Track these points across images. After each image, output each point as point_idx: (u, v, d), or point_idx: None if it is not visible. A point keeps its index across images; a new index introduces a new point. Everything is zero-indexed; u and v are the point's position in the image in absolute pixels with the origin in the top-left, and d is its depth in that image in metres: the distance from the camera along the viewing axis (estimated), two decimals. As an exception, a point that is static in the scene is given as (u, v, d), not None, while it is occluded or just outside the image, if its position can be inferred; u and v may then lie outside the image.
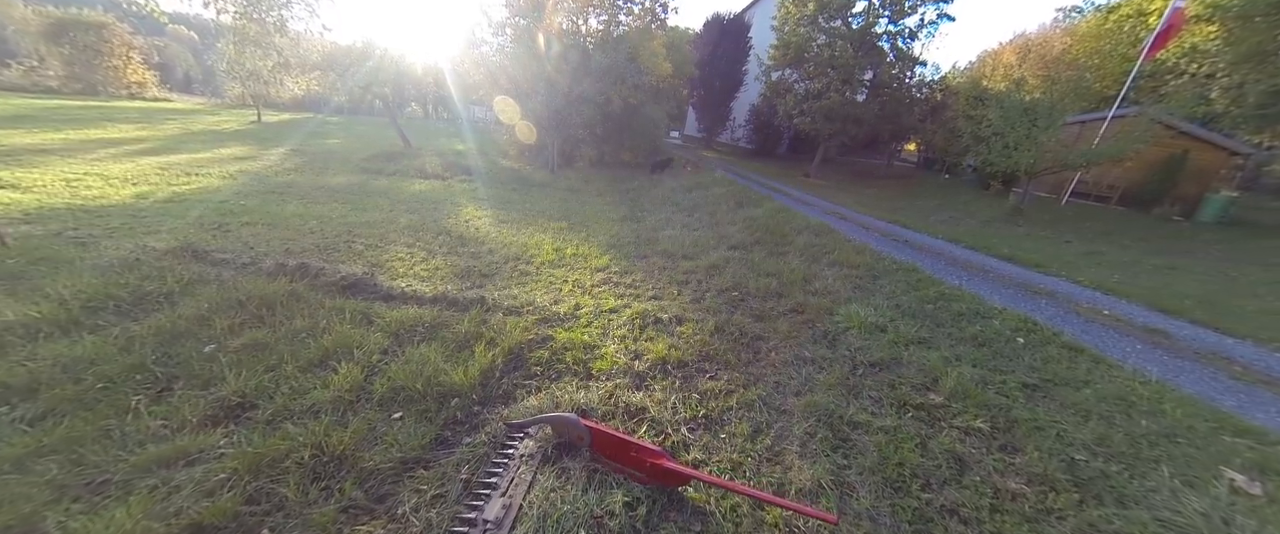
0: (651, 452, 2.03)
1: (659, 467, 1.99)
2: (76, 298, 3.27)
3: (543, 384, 2.96)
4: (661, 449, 2.09)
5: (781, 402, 2.85)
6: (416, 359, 3.02)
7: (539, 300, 4.26)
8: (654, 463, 2.00)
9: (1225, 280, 6.97)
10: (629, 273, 5.47)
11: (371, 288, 4.28)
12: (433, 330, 3.55)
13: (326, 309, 3.67)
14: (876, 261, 5.62)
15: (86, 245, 4.62)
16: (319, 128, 23.44)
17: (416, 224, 7.12)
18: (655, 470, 2.01)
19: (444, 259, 5.49)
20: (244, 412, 2.46)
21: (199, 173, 10.36)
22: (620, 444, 2.11)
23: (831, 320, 4.00)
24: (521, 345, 3.36)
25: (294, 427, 2.32)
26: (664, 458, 2.02)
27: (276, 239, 5.70)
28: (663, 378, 3.08)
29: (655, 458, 2.01)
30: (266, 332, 3.21)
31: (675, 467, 1.99)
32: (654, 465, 2.00)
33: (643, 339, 3.63)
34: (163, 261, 4.29)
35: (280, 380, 2.72)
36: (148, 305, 3.43)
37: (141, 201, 7.34)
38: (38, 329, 2.90)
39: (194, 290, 3.68)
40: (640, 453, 2.04)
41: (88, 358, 2.67)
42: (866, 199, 14.42)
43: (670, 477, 2.02)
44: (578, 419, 2.23)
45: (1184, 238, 10.77)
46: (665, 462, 2.00)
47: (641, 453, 2.04)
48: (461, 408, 2.64)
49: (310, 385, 2.70)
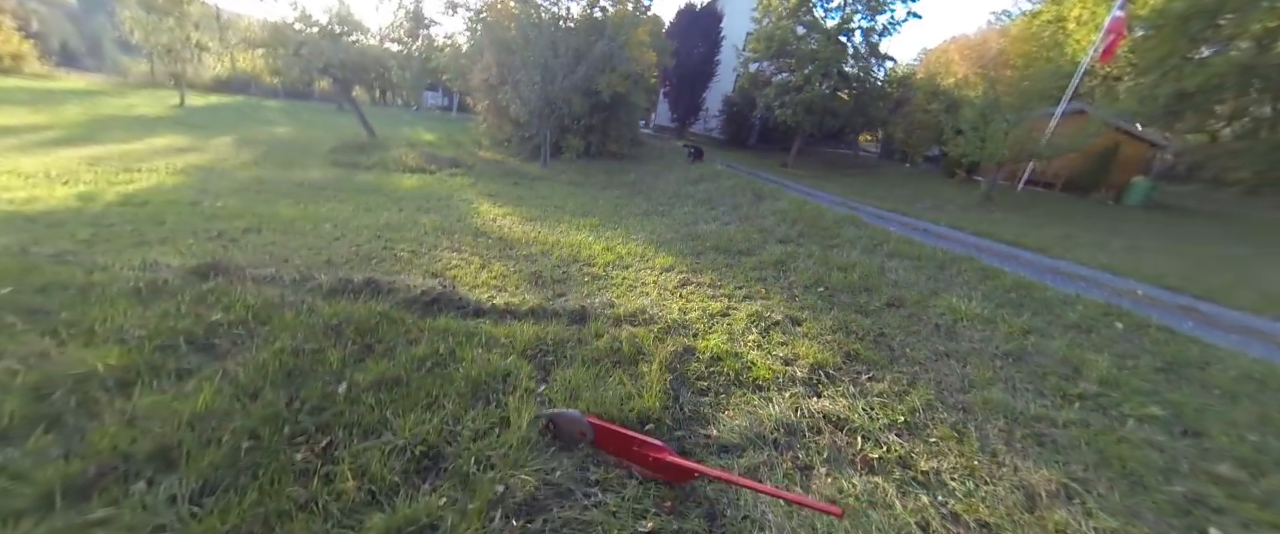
0: (655, 446, 2.03)
1: (662, 461, 1.99)
2: (148, 337, 2.67)
3: (720, 399, 2.82)
4: (663, 444, 2.08)
5: (954, 399, 2.91)
6: (578, 383, 2.77)
7: (643, 307, 4.05)
8: (657, 458, 2.00)
9: (1185, 258, 8.01)
10: (700, 271, 5.36)
11: (458, 302, 3.86)
12: (560, 347, 3.28)
13: (430, 331, 3.27)
14: (929, 252, 5.90)
15: (77, 265, 3.79)
16: (256, 113, 20.85)
17: (443, 225, 6.54)
18: (659, 465, 2.01)
19: (503, 265, 5.09)
20: (435, 463, 2.13)
21: (140, 168, 8.91)
22: (623, 439, 2.11)
23: (934, 313, 4.15)
24: (671, 359, 3.18)
25: (511, 477, 2.04)
26: (667, 452, 2.01)
27: (303, 248, 5.01)
28: (829, 383, 3.05)
29: (659, 453, 2.01)
30: (387, 363, 2.80)
31: (679, 461, 1.98)
32: (658, 460, 2.00)
33: (774, 343, 3.57)
34: (196, 283, 3.62)
35: (447, 420, 2.38)
36: (226, 339, 2.87)
37: (91, 205, 6.21)
38: (123, 379, 2.33)
39: (268, 317, 3.14)
40: (644, 448, 2.04)
41: (208, 411, 2.19)
42: (851, 187, 15.10)
43: (674, 471, 2.01)
44: (580, 415, 2.22)
45: (1123, 219, 12.27)
46: (668, 456, 1.99)
47: (645, 448, 2.04)
48: (662, 434, 2.45)
49: (487, 424, 2.38)
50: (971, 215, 11.15)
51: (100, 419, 2.07)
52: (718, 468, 2.10)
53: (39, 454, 1.86)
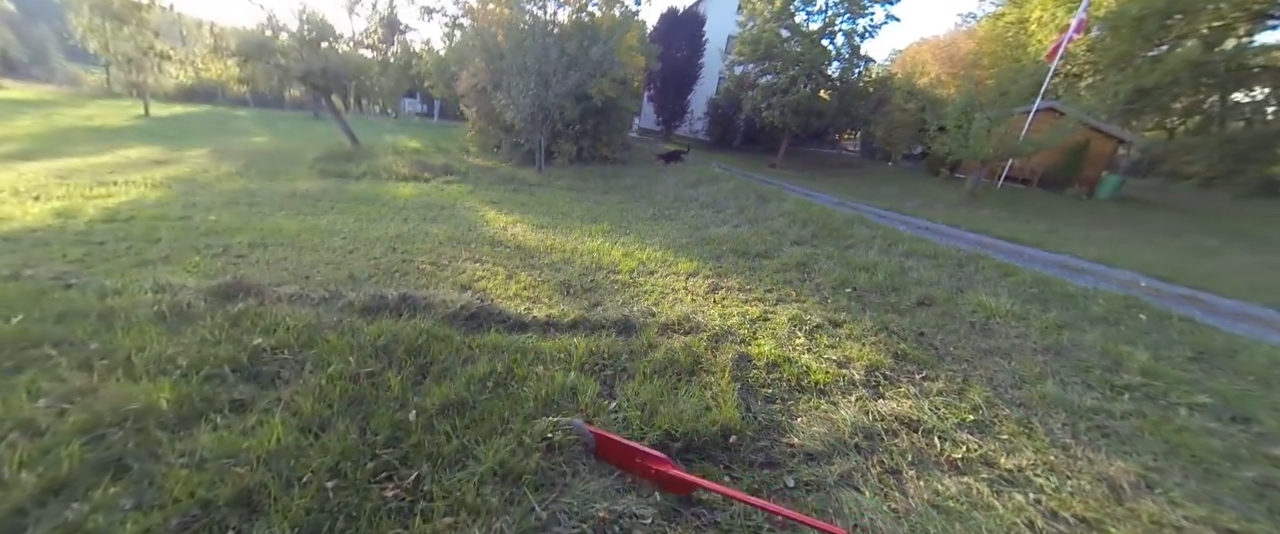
0: (656, 458, 2.03)
1: (665, 474, 2.00)
2: (192, 366, 2.50)
3: (788, 405, 2.82)
4: (665, 456, 2.09)
5: (1010, 395, 2.99)
6: (648, 397, 2.72)
7: (685, 315, 4.02)
8: (660, 470, 2.01)
9: (1164, 249, 8.48)
10: (726, 276, 5.37)
11: (499, 316, 3.76)
12: (614, 359, 3.22)
13: (481, 348, 3.17)
14: (944, 250, 6.07)
15: (85, 289, 3.53)
16: (227, 123, 19.98)
17: (456, 235, 6.38)
18: (661, 477, 2.02)
19: (529, 275, 4.99)
20: (518, 488, 2.05)
21: (114, 181, 8.43)
22: (625, 450, 2.11)
23: (965, 311, 4.26)
24: (730, 367, 3.16)
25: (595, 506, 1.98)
26: (668, 465, 2.02)
27: (319, 263, 4.79)
28: (888, 384, 3.09)
29: (660, 465, 2.01)
30: (448, 385, 2.69)
31: (680, 474, 1.99)
32: (660, 473, 2.01)
33: (822, 345, 3.60)
34: (220, 304, 3.42)
35: (520, 442, 2.29)
36: (272, 365, 2.71)
37: (71, 222, 5.83)
38: (179, 415, 2.17)
39: (311, 340, 2.98)
40: (645, 460, 2.05)
41: (280, 448, 2.05)
42: (841, 186, 15.42)
43: (675, 484, 2.01)
44: (582, 425, 2.21)
45: (1098, 213, 12.91)
46: (670, 468, 2.00)
47: (647, 460, 2.04)
48: (746, 446, 2.43)
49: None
50: (961, 212, 11.52)
51: (166, 462, 1.92)
52: (720, 483, 2.04)
53: (110, 507, 1.70)
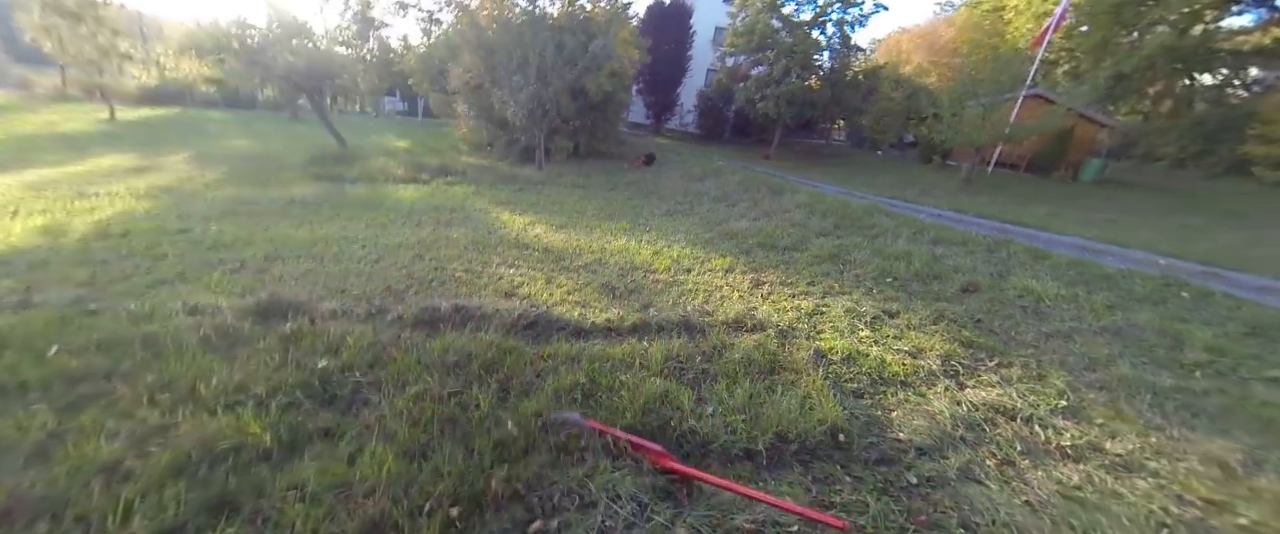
0: (655, 452, 2.04)
1: (664, 466, 2.00)
2: (266, 394, 2.32)
3: (877, 399, 2.79)
4: (663, 449, 2.09)
5: (1088, 378, 3.03)
6: (742, 400, 2.66)
7: (744, 312, 3.97)
8: (658, 463, 2.01)
9: (1159, 229, 8.79)
10: (764, 270, 5.34)
11: (558, 324, 3.63)
12: (689, 361, 3.15)
13: (554, 358, 3.06)
14: (969, 237, 6.15)
15: (111, 314, 3.27)
16: (201, 126, 18.99)
17: (478, 239, 6.18)
18: (660, 470, 2.01)
19: (567, 278, 4.86)
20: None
21: (96, 193, 7.92)
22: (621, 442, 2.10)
23: (1011, 295, 4.31)
24: (810, 363, 3.12)
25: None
26: (668, 458, 2.03)
27: (348, 275, 4.57)
28: (967, 373, 3.09)
29: (660, 458, 2.02)
30: (535, 399, 2.57)
31: (679, 467, 2.00)
32: (659, 464, 2.01)
33: (888, 337, 3.59)
34: (264, 324, 3.21)
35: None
36: (345, 388, 2.55)
37: (62, 240, 5.45)
38: (270, 447, 2.00)
39: (376, 359, 2.82)
40: (645, 452, 2.05)
41: (389, 476, 1.90)
42: (838, 176, 15.57)
43: (675, 476, 2.00)
44: (581, 419, 2.21)
45: (1086, 195, 13.33)
46: (669, 461, 2.01)
47: (646, 453, 2.04)
48: (855, 444, 2.39)
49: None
50: (961, 198, 11.75)
51: (276, 498, 1.77)
52: (716, 476, 2.01)
53: (236, 552, 1.56)
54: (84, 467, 1.80)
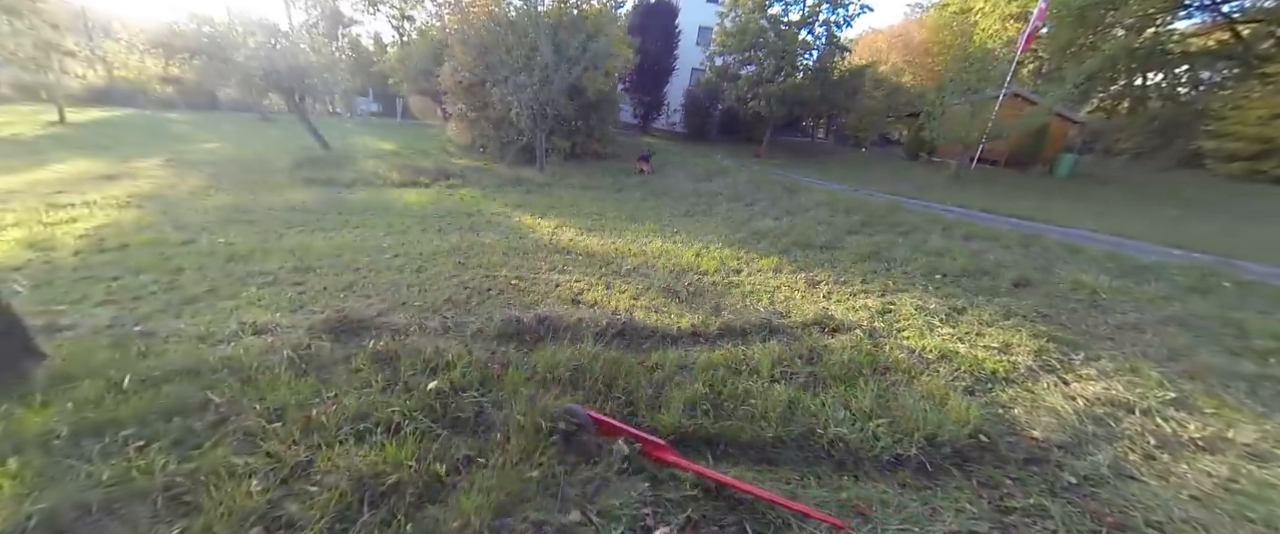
0: (656, 444, 2.07)
1: (664, 460, 2.04)
2: (400, 422, 2.12)
3: (992, 399, 2.81)
4: (663, 441, 2.12)
5: (1174, 368, 3.15)
6: (868, 406, 2.62)
7: (820, 314, 3.94)
8: (659, 456, 2.04)
9: (1145, 219, 9.35)
10: (809, 269, 5.34)
11: (645, 332, 3.51)
12: (789, 364, 3.10)
13: (659, 369, 2.94)
14: (999, 232, 6.36)
15: (165, 336, 2.95)
16: (163, 128, 17.68)
17: (513, 245, 5.96)
18: (660, 463, 2.04)
19: (624, 282, 4.73)
20: None
21: (71, 203, 7.24)
22: (626, 435, 2.13)
23: (1064, 288, 4.47)
24: (915, 365, 3.12)
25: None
26: (667, 451, 2.06)
27: (399, 286, 4.31)
28: (1063, 368, 3.16)
29: (660, 451, 2.05)
30: (670, 413, 2.47)
31: (678, 460, 2.03)
32: (659, 458, 2.04)
33: (967, 334, 3.64)
34: (336, 342, 2.97)
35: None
36: (469, 411, 2.36)
37: (54, 254, 4.97)
38: (423, 482, 1.82)
39: (485, 377, 2.63)
40: (643, 445, 2.08)
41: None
42: (832, 173, 15.90)
43: (675, 469, 2.02)
44: (581, 409, 2.26)
45: (1065, 189, 14.07)
46: (669, 455, 2.04)
47: (646, 446, 2.08)
48: (1003, 444, 2.39)
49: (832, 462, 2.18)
50: (956, 192, 12.18)
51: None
52: (713, 469, 2.03)
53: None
54: (237, 514, 1.58)
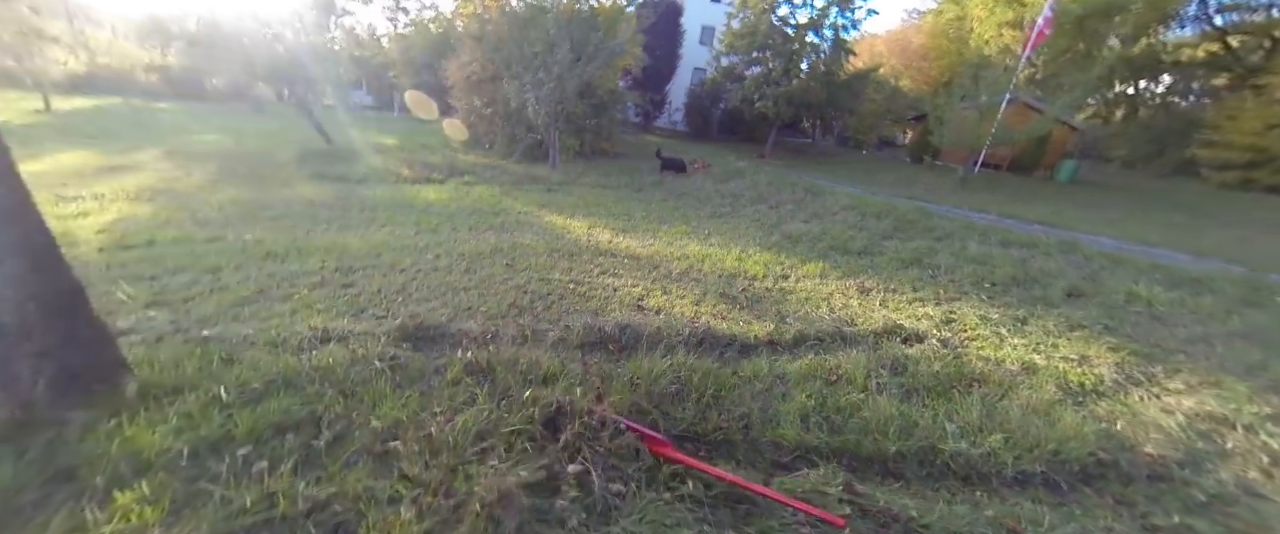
0: (657, 440, 2.08)
1: (664, 455, 2.05)
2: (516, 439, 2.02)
3: (1090, 414, 2.81)
4: (664, 438, 2.13)
5: (1257, 381, 3.18)
6: (973, 418, 2.59)
7: (889, 323, 3.92)
8: (659, 452, 2.06)
9: (1157, 226, 9.55)
10: (856, 275, 5.32)
11: (722, 340, 3.45)
12: (880, 379, 3.06)
13: (754, 381, 2.89)
14: (1035, 240, 6.42)
15: (231, 343, 2.79)
16: (153, 119, 17.04)
17: (552, 246, 5.83)
18: (661, 458, 2.04)
19: (679, 287, 4.65)
20: None
21: (77, 195, 6.95)
22: (629, 430, 2.12)
23: (1118, 300, 4.52)
24: (1008, 379, 3.10)
25: None
26: (668, 447, 2.08)
27: (456, 289, 4.16)
28: (1147, 381, 3.18)
29: (661, 447, 2.06)
30: (781, 428, 2.42)
31: (679, 456, 2.04)
32: (659, 453, 2.05)
33: (1046, 346, 3.63)
34: (416, 353, 2.85)
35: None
36: (575, 426, 2.27)
37: (81, 251, 4.73)
38: (583, 506, 1.73)
39: (588, 390, 2.54)
40: (644, 439, 2.09)
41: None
42: (842, 175, 15.97)
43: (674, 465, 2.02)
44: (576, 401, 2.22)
45: (1070, 194, 14.34)
46: (670, 451, 2.06)
47: (648, 442, 2.08)
48: (1125, 462, 2.38)
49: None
50: (967, 197, 12.31)
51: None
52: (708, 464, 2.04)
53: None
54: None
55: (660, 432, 2.16)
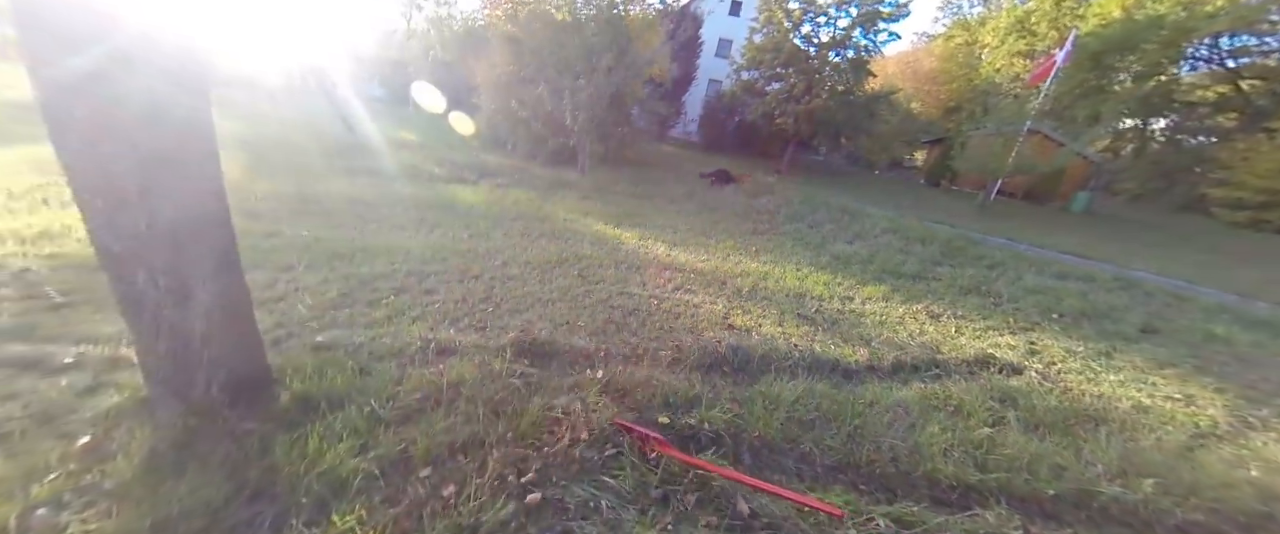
0: (658, 441, 2.08)
1: (660, 451, 2.05)
2: None
3: (1221, 457, 2.78)
4: (664, 438, 2.13)
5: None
6: (1111, 457, 2.56)
7: (981, 354, 3.89)
8: (661, 451, 2.06)
9: (1187, 263, 9.67)
10: (918, 299, 5.30)
11: (825, 364, 3.40)
12: (990, 410, 3.03)
13: (875, 408, 2.84)
14: (1092, 273, 6.48)
15: (349, 350, 2.70)
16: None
17: (613, 257, 5.77)
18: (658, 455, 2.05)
19: (753, 305, 4.61)
20: None
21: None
22: (625, 429, 2.15)
23: (1196, 338, 4.54)
24: (1126, 417, 3.08)
25: None
26: (667, 447, 2.09)
27: (539, 300, 4.07)
28: (1263, 427, 3.16)
29: (661, 447, 2.07)
30: (951, 466, 2.37)
31: (678, 455, 2.04)
32: (661, 452, 2.06)
33: (1144, 383, 3.62)
34: (545, 366, 2.77)
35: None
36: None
37: None
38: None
39: (735, 418, 2.48)
40: (641, 437, 2.10)
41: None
42: (862, 195, 16.05)
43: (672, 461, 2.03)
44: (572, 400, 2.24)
45: (1090, 227, 14.50)
46: (669, 450, 2.07)
47: (648, 442, 2.09)
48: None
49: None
50: (989, 223, 12.38)
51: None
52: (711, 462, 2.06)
53: None
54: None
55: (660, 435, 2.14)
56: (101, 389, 2.12)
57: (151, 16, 1.39)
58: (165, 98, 1.47)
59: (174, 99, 1.50)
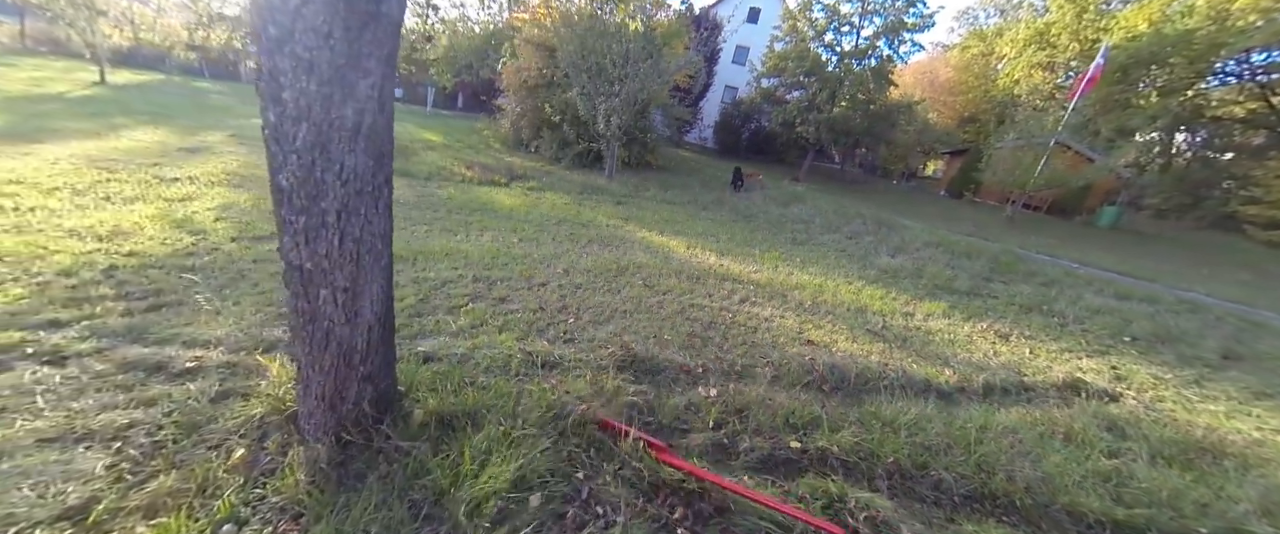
0: (658, 447, 2.07)
1: (663, 461, 2.03)
2: None
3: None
4: (664, 444, 2.13)
5: None
6: (1255, 497, 2.46)
7: (1070, 378, 3.79)
8: (659, 457, 2.03)
9: (1234, 284, 9.46)
10: (980, 317, 5.19)
11: (917, 385, 3.31)
12: (1099, 440, 2.93)
13: (984, 433, 2.74)
14: (1155, 295, 6.36)
15: (452, 362, 2.65)
16: (202, 97, 17.04)
17: (668, 266, 5.69)
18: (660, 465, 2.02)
19: (820, 319, 4.53)
20: None
21: (173, 176, 6.84)
22: (624, 436, 2.12)
23: (1275, 364, 4.40)
24: (1256, 452, 2.97)
25: None
26: (667, 453, 2.06)
27: (615, 312, 4.00)
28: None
29: (661, 453, 2.05)
30: (1089, 498, 2.28)
31: (678, 462, 2.02)
32: (661, 459, 2.03)
33: (1246, 414, 3.51)
34: (638, 383, 2.71)
35: None
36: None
37: (213, 241, 4.57)
38: None
39: (857, 444, 2.40)
40: (648, 446, 2.06)
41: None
42: (885, 206, 15.92)
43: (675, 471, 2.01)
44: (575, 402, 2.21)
45: (1123, 242, 14.27)
46: (669, 457, 2.04)
47: (649, 446, 2.06)
48: None
49: None
50: (1023, 238, 12.23)
51: None
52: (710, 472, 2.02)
53: None
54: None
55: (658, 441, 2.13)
56: (231, 396, 2.07)
57: (371, 33, 1.35)
58: (369, 121, 1.44)
59: (375, 122, 1.46)
